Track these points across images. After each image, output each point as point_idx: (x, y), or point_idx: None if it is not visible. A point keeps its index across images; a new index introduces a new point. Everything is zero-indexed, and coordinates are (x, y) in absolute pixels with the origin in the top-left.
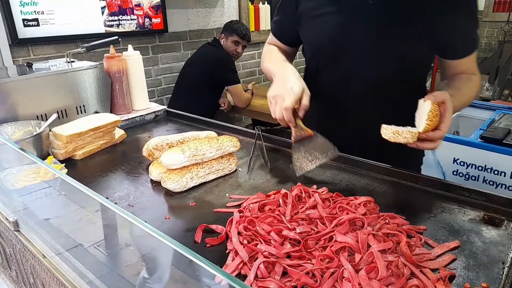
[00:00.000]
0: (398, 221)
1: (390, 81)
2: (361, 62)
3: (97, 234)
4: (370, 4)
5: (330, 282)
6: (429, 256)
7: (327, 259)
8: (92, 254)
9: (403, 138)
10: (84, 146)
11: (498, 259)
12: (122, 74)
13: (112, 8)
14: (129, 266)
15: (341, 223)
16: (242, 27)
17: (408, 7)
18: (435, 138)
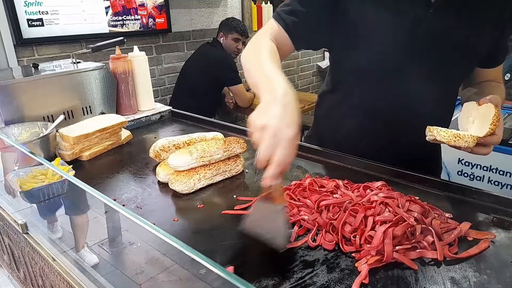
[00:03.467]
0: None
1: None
2: (416, 79)
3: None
4: (431, 13)
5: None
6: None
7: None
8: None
9: (464, 142)
10: (91, 147)
11: (509, 263)
12: (128, 75)
13: (116, 8)
14: (140, 271)
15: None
16: (239, 23)
17: (467, 17)
18: (491, 143)
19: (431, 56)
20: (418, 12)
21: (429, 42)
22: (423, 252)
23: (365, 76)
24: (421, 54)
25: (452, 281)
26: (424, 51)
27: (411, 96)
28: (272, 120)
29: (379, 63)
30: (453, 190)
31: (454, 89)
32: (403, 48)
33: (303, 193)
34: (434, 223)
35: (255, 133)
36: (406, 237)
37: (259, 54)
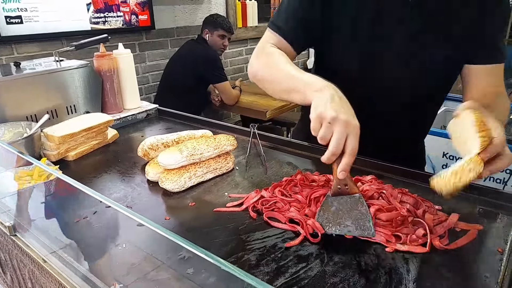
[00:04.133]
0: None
1: (423, 89)
2: (396, 71)
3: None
4: (409, 13)
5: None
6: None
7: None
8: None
9: (469, 172)
10: (76, 147)
11: (496, 251)
12: (113, 73)
13: (97, 5)
14: (135, 267)
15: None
16: (224, 20)
17: (445, 12)
18: (499, 150)
19: (411, 53)
20: (396, 12)
21: (407, 42)
22: (412, 248)
23: (346, 74)
24: (401, 52)
25: (443, 271)
26: (404, 50)
27: (393, 93)
28: (341, 113)
29: (360, 63)
30: None
31: (438, 85)
32: (382, 48)
33: (295, 189)
34: (426, 217)
35: (324, 128)
36: (391, 224)
37: (278, 63)
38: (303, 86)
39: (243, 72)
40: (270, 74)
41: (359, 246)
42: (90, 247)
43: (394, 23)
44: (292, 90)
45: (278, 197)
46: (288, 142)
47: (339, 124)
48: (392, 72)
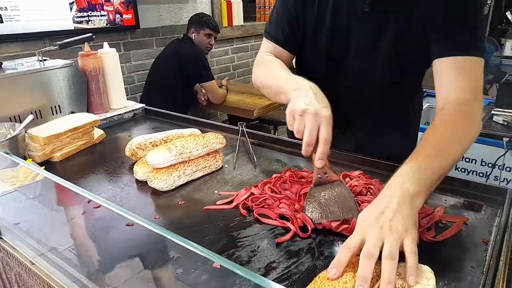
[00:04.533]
0: None
1: (388, 84)
2: (360, 70)
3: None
4: (366, 12)
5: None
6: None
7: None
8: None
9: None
10: (62, 148)
11: (481, 242)
12: (99, 72)
13: (81, 4)
14: (126, 266)
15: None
16: (211, 19)
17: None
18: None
19: (374, 50)
20: (354, 11)
21: (367, 39)
22: None
23: (318, 73)
24: (363, 50)
25: (431, 263)
26: (366, 47)
27: (364, 83)
28: (310, 104)
29: (327, 57)
30: None
31: (407, 79)
32: (345, 40)
33: (284, 185)
34: None
35: (297, 121)
36: None
37: (272, 69)
38: (286, 87)
39: (230, 71)
40: (264, 80)
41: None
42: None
43: (354, 16)
44: (279, 92)
45: (268, 194)
46: (276, 140)
47: (309, 116)
48: (358, 64)
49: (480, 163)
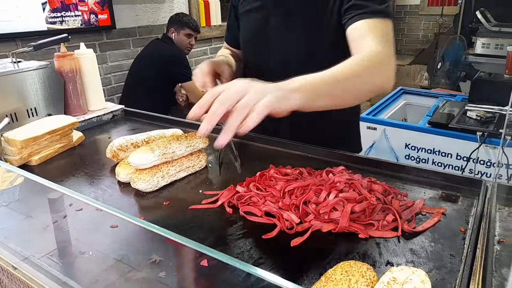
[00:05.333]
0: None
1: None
2: (278, 48)
3: (53, 246)
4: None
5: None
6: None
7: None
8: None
9: None
10: (40, 151)
11: (458, 231)
12: (76, 73)
13: (54, 3)
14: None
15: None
16: (191, 19)
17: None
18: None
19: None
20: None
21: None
22: (384, 234)
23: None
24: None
25: (412, 252)
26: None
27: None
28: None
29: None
30: (405, 171)
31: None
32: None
33: (269, 183)
34: (393, 203)
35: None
36: (364, 214)
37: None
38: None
39: None
40: None
41: (334, 235)
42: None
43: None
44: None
45: (253, 192)
46: (259, 138)
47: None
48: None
49: (456, 157)
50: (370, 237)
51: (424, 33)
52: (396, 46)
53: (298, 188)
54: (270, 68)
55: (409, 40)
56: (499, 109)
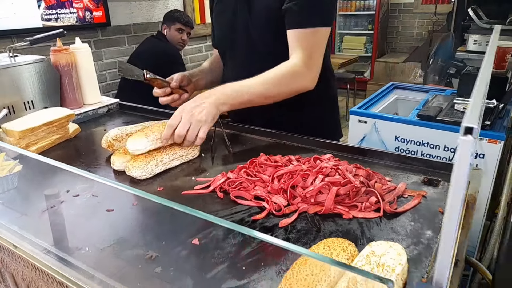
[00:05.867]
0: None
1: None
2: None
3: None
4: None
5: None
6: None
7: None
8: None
9: None
10: (37, 142)
11: (437, 212)
12: (71, 67)
13: (49, 1)
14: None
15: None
16: (183, 14)
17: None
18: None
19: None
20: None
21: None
22: (367, 214)
23: (225, 59)
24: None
25: (392, 231)
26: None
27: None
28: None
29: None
30: (390, 159)
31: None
32: (230, 32)
33: (259, 169)
34: (376, 186)
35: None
36: (348, 196)
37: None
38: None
39: None
40: None
41: (319, 216)
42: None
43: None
44: None
45: (244, 177)
46: (252, 130)
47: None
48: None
49: (444, 148)
50: (354, 218)
51: (418, 31)
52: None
53: (287, 173)
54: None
55: (404, 38)
56: (486, 102)
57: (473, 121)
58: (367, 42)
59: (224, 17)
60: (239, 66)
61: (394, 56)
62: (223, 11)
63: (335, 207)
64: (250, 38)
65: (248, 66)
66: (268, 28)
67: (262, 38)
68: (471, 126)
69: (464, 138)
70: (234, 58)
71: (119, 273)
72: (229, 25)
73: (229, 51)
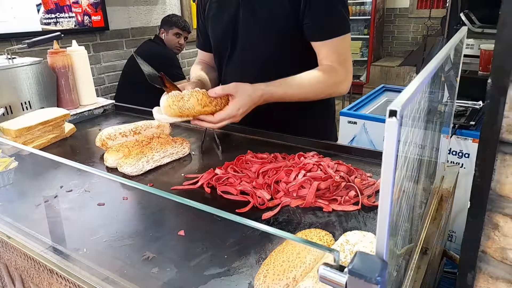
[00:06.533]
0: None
1: (272, 58)
2: (244, 47)
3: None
4: (242, 1)
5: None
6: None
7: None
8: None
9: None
10: (33, 140)
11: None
12: (68, 69)
13: (48, 5)
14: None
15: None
16: (180, 19)
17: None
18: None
19: (253, 36)
20: (232, 3)
21: (246, 23)
22: (346, 207)
23: (223, 62)
24: (244, 37)
25: (370, 223)
26: (247, 34)
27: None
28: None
29: (222, 53)
30: (372, 155)
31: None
32: (231, 36)
33: (245, 165)
34: (356, 181)
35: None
36: (329, 190)
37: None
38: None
39: None
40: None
41: (301, 209)
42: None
43: (231, 15)
44: None
45: (230, 173)
46: (241, 129)
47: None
48: (245, 46)
49: None
50: (334, 211)
51: (414, 35)
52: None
53: (271, 169)
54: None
55: (399, 42)
56: (472, 103)
57: (398, 105)
58: (363, 46)
59: (223, 19)
60: (241, 68)
61: (390, 60)
62: (220, 13)
63: (316, 200)
64: (252, 42)
65: (249, 69)
66: (272, 35)
67: (265, 43)
68: (395, 109)
69: (389, 120)
70: (234, 61)
71: (117, 273)
72: (229, 28)
73: (229, 54)
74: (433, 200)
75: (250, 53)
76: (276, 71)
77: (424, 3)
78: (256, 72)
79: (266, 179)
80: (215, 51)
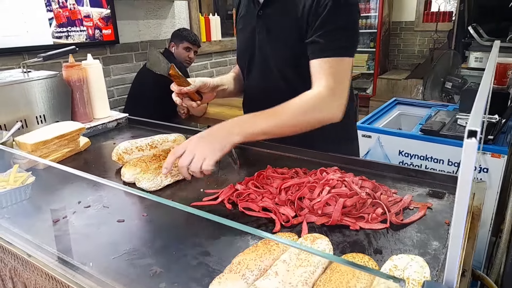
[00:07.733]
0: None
1: (285, 75)
2: (259, 64)
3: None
4: (259, 14)
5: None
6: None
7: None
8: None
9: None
10: (49, 154)
11: (443, 223)
12: (83, 82)
13: (60, 19)
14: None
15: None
16: (191, 33)
17: (282, 11)
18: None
19: (269, 47)
20: (252, 15)
21: (262, 38)
22: (374, 225)
23: (245, 74)
24: (261, 49)
25: (399, 241)
26: (261, 50)
27: (273, 87)
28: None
29: (242, 67)
30: (396, 171)
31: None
32: (250, 49)
33: (266, 181)
34: (382, 198)
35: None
36: (355, 208)
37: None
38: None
39: None
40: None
41: (327, 227)
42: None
43: (251, 27)
44: None
45: (251, 189)
46: (258, 143)
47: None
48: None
49: (447, 162)
50: (361, 229)
51: (420, 49)
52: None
53: (294, 185)
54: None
55: (405, 55)
56: (488, 117)
57: (476, 125)
58: (369, 60)
59: (244, 34)
60: (257, 81)
61: (396, 73)
62: (244, 28)
63: (342, 218)
64: (266, 57)
65: (263, 83)
66: (283, 51)
67: (277, 60)
68: (474, 129)
69: (468, 141)
70: (251, 74)
71: (135, 278)
72: (249, 42)
73: (247, 66)
74: (468, 218)
75: (264, 70)
76: (289, 91)
77: (430, 16)
78: (270, 86)
79: (289, 195)
80: (238, 65)
